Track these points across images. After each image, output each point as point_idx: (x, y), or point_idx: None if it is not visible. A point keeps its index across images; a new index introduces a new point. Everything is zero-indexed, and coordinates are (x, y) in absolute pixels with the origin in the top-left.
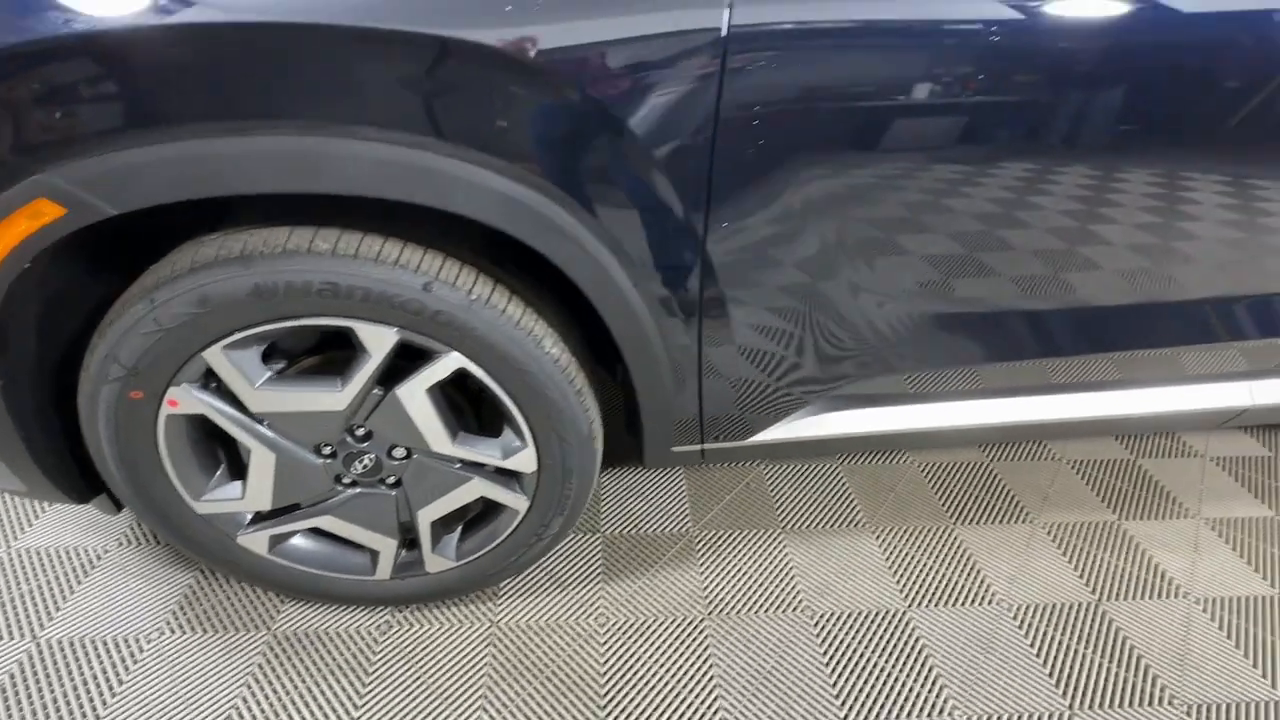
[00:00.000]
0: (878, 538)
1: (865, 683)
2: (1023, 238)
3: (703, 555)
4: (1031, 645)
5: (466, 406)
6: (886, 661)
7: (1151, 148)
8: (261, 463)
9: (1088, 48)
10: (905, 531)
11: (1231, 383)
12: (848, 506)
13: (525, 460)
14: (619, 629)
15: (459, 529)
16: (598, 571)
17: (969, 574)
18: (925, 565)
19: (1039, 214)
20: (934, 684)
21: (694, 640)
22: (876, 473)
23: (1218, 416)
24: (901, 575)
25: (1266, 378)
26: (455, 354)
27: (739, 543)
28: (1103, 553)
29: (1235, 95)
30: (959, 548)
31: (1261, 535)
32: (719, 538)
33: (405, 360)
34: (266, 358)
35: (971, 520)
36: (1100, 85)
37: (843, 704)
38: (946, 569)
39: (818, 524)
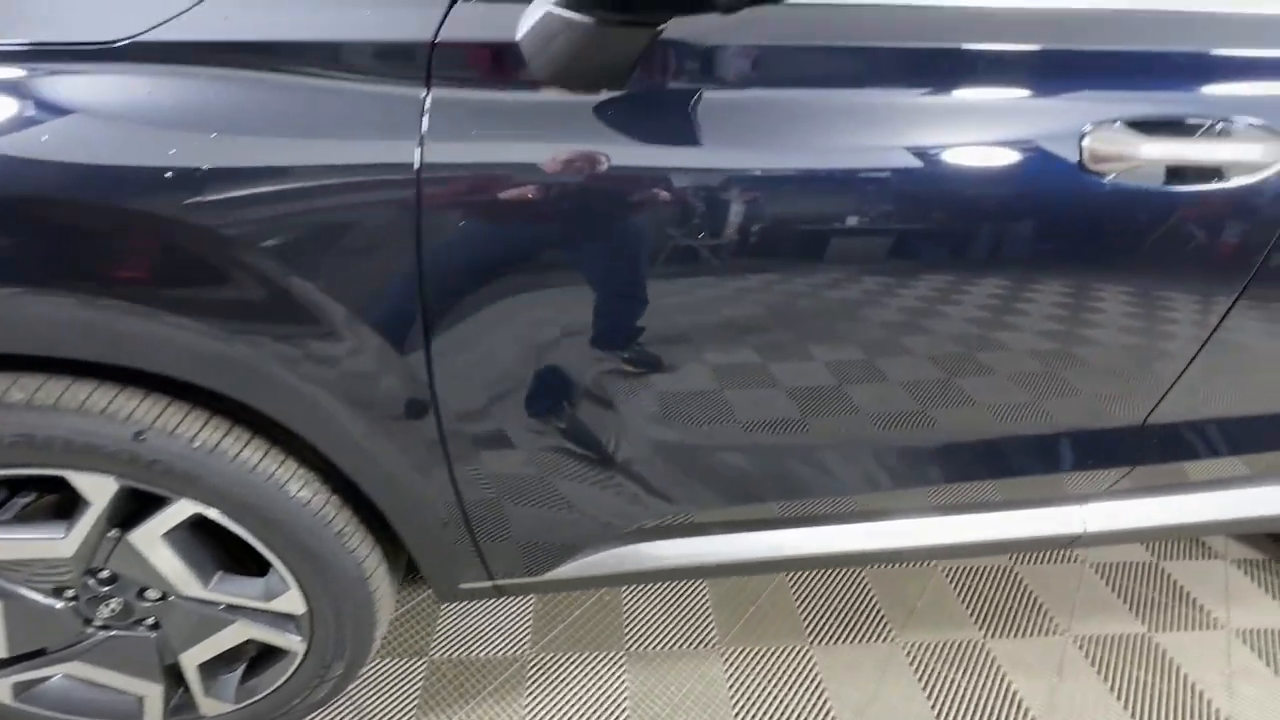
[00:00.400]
0: (726, 661)
1: None
2: (773, 368)
3: (532, 684)
4: None
5: (234, 545)
6: None
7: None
8: None
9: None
10: (757, 653)
11: (1066, 507)
12: (703, 624)
13: (292, 602)
14: None
15: (240, 669)
16: (413, 705)
17: (814, 705)
18: (769, 694)
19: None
20: None
21: None
22: (741, 582)
23: (1051, 543)
24: (741, 706)
25: (1098, 500)
26: (186, 500)
27: (575, 669)
28: (960, 677)
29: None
30: (811, 672)
31: (1129, 656)
32: (555, 662)
33: (150, 500)
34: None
35: (831, 639)
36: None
37: None
38: (791, 699)
39: (666, 645)
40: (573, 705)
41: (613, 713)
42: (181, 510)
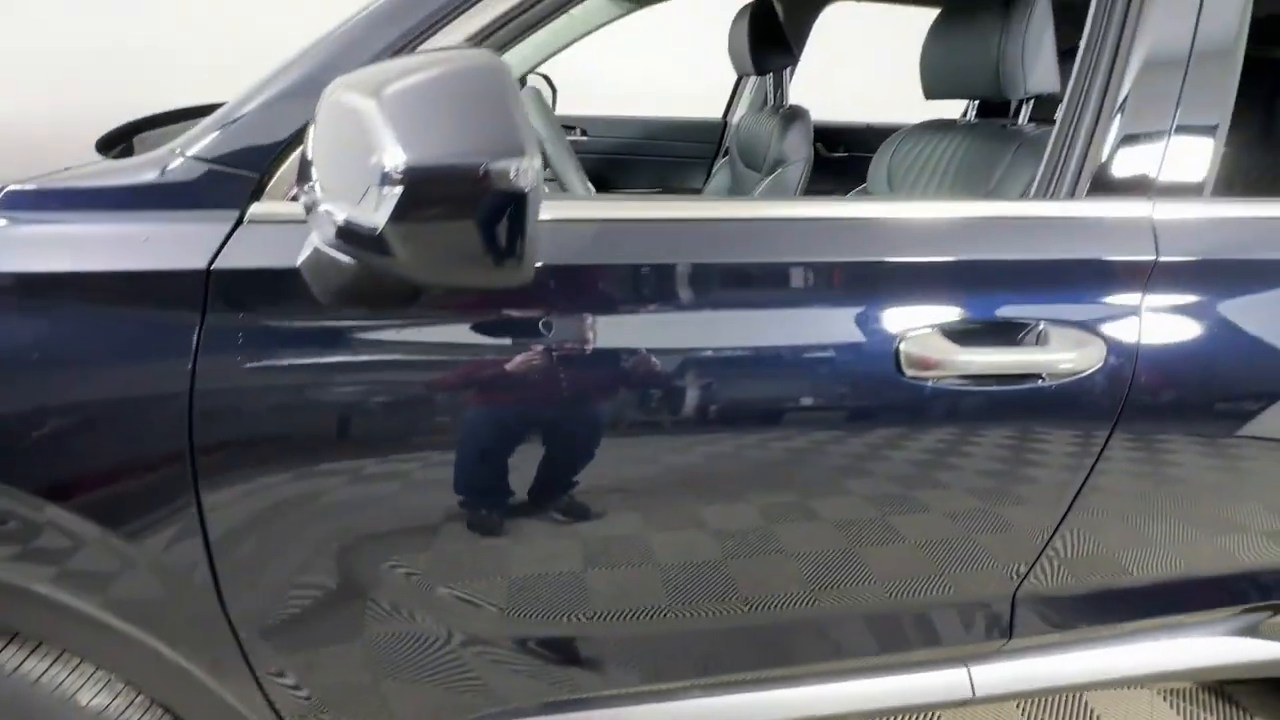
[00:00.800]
0: None
1: None
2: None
3: None
4: None
5: None
6: None
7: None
8: None
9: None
10: None
11: (952, 670)
12: None
13: None
14: None
15: None
16: None
17: None
18: None
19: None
20: None
21: None
22: None
23: (943, 705)
24: None
25: (985, 663)
26: None
27: None
28: None
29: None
30: None
31: None
32: None
33: None
34: None
35: None
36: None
37: None
38: None
39: None
40: None
41: None
42: None
